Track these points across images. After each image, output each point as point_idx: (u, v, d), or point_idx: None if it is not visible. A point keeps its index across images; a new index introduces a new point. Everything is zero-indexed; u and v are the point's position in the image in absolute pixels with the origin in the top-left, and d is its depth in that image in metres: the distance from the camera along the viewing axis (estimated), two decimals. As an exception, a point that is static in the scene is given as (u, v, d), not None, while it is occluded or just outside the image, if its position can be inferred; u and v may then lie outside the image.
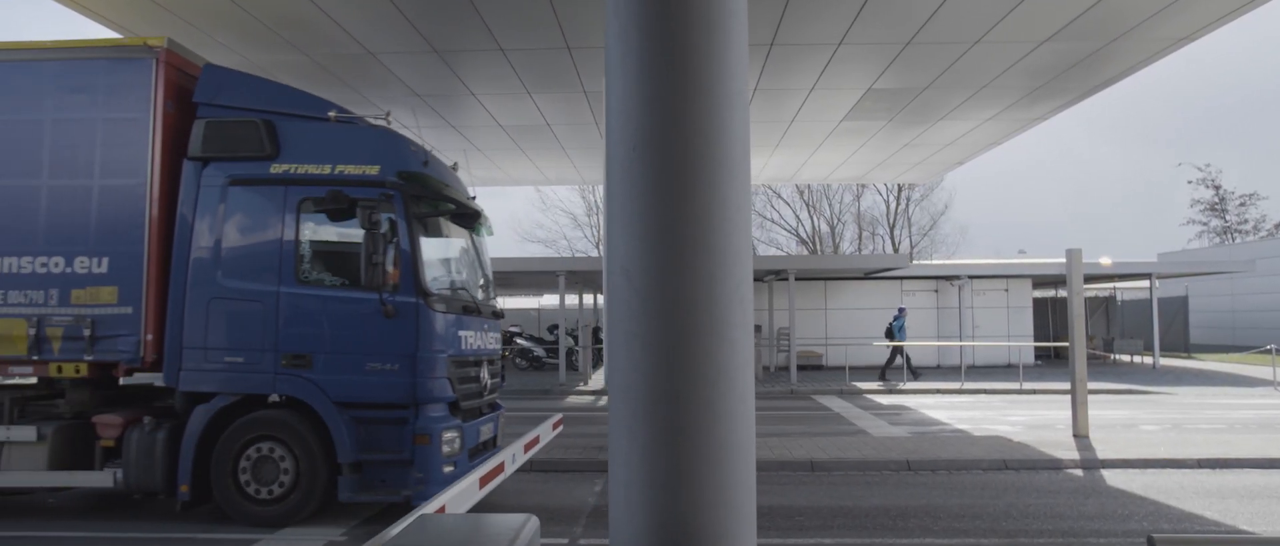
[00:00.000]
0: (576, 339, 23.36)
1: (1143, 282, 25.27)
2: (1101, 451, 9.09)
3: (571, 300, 25.05)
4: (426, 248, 6.57)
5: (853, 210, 44.09)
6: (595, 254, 36.70)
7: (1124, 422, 11.83)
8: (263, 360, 6.25)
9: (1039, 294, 28.03)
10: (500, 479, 5.91)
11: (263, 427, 6.29)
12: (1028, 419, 12.60)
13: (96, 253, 6.34)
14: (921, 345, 22.20)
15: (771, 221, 43.09)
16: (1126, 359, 25.74)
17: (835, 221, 44.00)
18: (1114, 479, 8.07)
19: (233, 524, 6.27)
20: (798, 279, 21.13)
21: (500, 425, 7.63)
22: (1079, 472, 8.38)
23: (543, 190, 40.82)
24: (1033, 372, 20.77)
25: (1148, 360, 24.15)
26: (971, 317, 23.77)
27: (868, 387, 17.69)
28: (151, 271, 6.33)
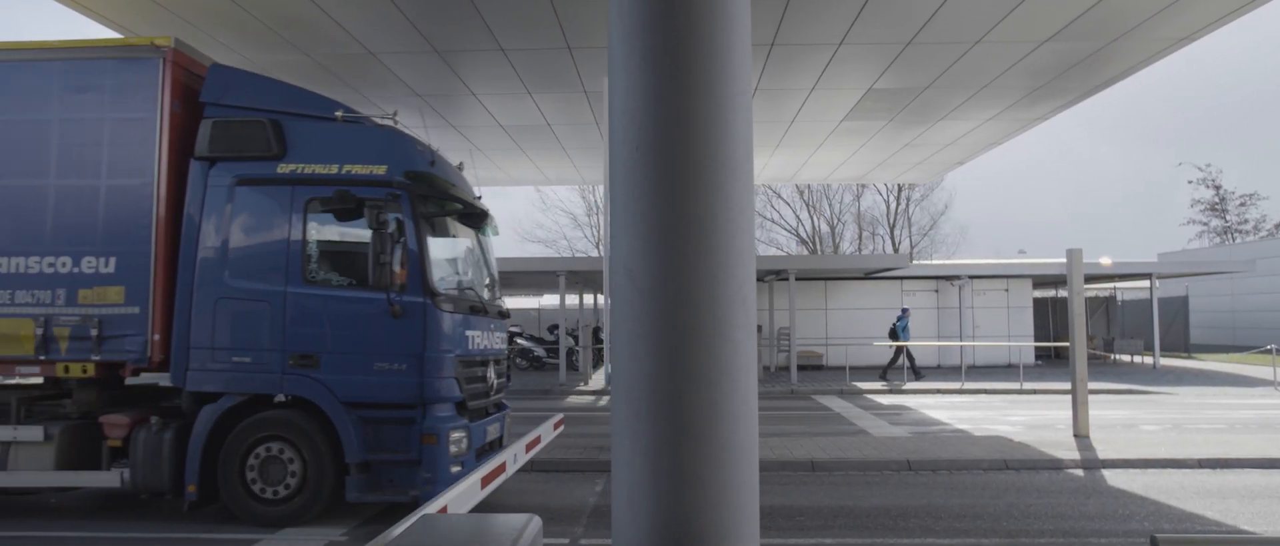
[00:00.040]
0: (577, 339, 23.36)
1: (1143, 283, 25.27)
2: (1102, 451, 9.10)
3: (572, 300, 25.05)
4: (433, 247, 6.56)
5: (853, 210, 44.12)
6: (596, 254, 36.66)
7: (1124, 422, 11.84)
8: (270, 360, 6.25)
9: (1039, 294, 28.01)
10: (502, 479, 5.94)
11: (270, 427, 6.29)
12: (1028, 419, 12.60)
13: (103, 252, 6.34)
14: (922, 345, 22.20)
15: (771, 221, 43.11)
16: (1127, 359, 25.73)
17: (835, 221, 44.01)
18: (1115, 479, 8.08)
19: (239, 524, 6.29)
20: (798, 279, 21.13)
21: (506, 425, 7.64)
22: (1080, 472, 8.40)
23: (543, 190, 40.87)
24: (1033, 372, 20.77)
25: (1148, 360, 24.14)
26: (972, 318, 23.77)
27: (868, 387, 17.69)
28: (158, 271, 6.34)
